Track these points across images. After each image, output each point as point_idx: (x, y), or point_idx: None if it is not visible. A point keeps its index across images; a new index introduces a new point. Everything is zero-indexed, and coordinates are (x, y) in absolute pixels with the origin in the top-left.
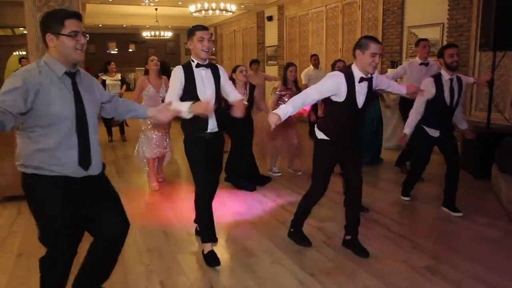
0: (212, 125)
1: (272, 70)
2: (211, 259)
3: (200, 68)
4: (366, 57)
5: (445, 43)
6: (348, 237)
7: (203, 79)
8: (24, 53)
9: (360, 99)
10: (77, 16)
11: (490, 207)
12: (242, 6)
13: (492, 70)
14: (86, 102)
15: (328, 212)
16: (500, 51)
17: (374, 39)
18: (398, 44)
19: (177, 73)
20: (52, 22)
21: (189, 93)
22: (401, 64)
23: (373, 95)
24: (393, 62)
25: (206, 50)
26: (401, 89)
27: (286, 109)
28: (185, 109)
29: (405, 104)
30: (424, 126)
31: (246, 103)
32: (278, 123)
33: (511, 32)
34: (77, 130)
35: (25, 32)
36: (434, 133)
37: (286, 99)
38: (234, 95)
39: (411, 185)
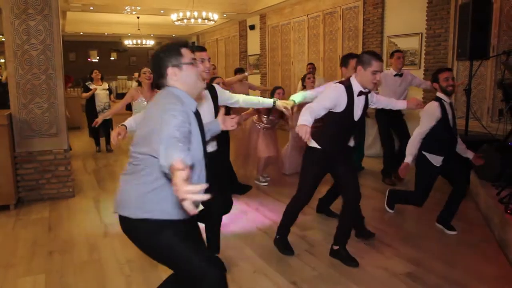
0: (212, 147)
1: (254, 79)
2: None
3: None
4: (367, 74)
5: (423, 52)
6: (336, 247)
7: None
8: (2, 60)
9: (357, 112)
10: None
11: (469, 213)
12: (225, 15)
13: (469, 79)
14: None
15: (310, 221)
16: (477, 61)
17: (376, 56)
18: (379, 53)
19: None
20: (170, 54)
21: None
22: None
23: (367, 108)
24: None
25: (207, 71)
26: (402, 105)
27: (308, 119)
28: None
29: (381, 114)
30: (426, 154)
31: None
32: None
33: (486, 42)
34: None
35: (3, 39)
36: (436, 161)
37: (264, 119)
38: (235, 97)
39: (399, 203)
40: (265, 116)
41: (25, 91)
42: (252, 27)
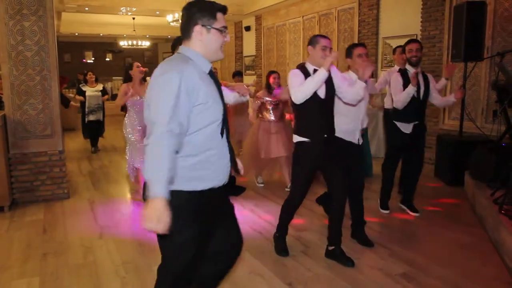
0: None
1: (250, 80)
2: None
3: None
4: (317, 51)
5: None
6: (331, 248)
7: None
8: None
9: (320, 90)
10: (226, 11)
11: (463, 213)
12: None
13: (464, 80)
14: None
15: (306, 222)
16: (471, 62)
17: (323, 35)
18: (374, 55)
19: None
20: (205, 13)
21: None
22: (378, 73)
23: (334, 87)
24: None
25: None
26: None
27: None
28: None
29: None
30: (396, 122)
31: None
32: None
33: (480, 44)
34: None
35: None
36: (406, 128)
37: (268, 107)
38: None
39: (387, 194)
40: (266, 99)
41: (20, 92)
42: (247, 28)
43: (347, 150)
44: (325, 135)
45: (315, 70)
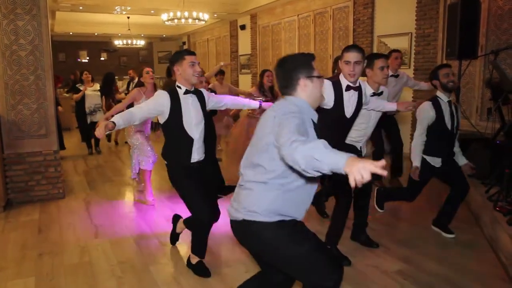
0: (198, 156)
1: (245, 79)
2: (202, 270)
3: (188, 95)
4: (343, 66)
5: (413, 52)
6: (328, 247)
7: (190, 106)
8: None
9: (348, 109)
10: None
11: (459, 211)
12: (215, 15)
13: (458, 78)
14: None
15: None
16: (465, 60)
17: (350, 47)
18: (369, 53)
19: (162, 98)
20: (308, 63)
21: (175, 121)
22: None
23: (361, 107)
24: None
25: (197, 75)
26: (392, 106)
27: None
28: None
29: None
30: (425, 156)
31: None
32: None
33: (475, 42)
34: None
35: None
36: (436, 162)
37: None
38: (223, 101)
39: (388, 200)
40: (257, 99)
41: (14, 91)
42: (242, 27)
43: (351, 152)
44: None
45: (348, 87)
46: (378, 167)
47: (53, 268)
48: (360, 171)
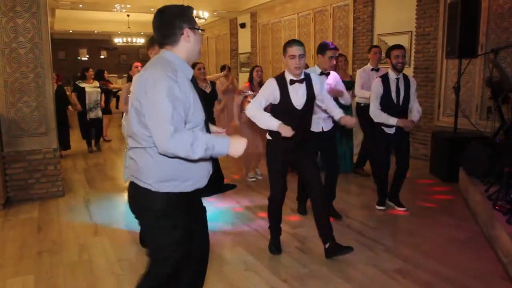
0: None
1: (245, 77)
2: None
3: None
4: (287, 60)
5: (413, 50)
6: (327, 245)
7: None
8: None
9: (297, 101)
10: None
11: (458, 209)
12: (215, 13)
13: (458, 77)
14: None
15: (300, 218)
16: (465, 59)
17: (292, 42)
18: (367, 52)
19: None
20: (191, 15)
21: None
22: None
23: (314, 98)
24: None
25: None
26: (338, 113)
27: (274, 121)
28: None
29: (362, 111)
30: (380, 126)
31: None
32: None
33: (475, 41)
34: None
35: None
36: (389, 129)
37: (250, 99)
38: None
39: (383, 191)
40: (250, 93)
41: (13, 89)
42: (242, 25)
43: (315, 140)
44: (299, 135)
45: (292, 81)
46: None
47: (52, 266)
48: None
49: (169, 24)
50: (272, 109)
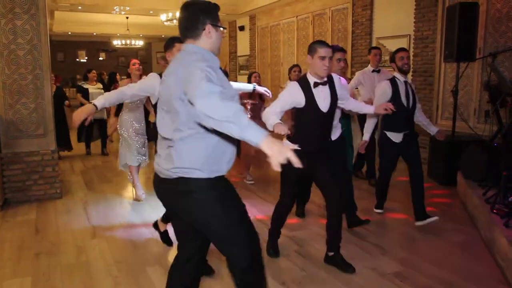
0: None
1: (243, 80)
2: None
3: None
4: (316, 62)
5: (411, 54)
6: (331, 253)
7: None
8: None
9: (323, 104)
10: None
11: (456, 213)
12: None
13: (456, 80)
14: None
15: (299, 222)
16: (463, 62)
17: (322, 42)
18: (367, 55)
19: (153, 80)
20: (216, 13)
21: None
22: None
23: (337, 100)
24: None
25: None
26: (369, 109)
27: (274, 119)
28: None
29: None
30: (386, 132)
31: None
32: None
33: (473, 44)
34: None
35: None
36: (397, 138)
37: (248, 107)
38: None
39: (382, 196)
40: (248, 101)
41: (12, 91)
42: (241, 28)
43: (325, 150)
44: (318, 145)
45: (316, 84)
46: (292, 155)
47: (49, 267)
48: (281, 153)
49: (193, 18)
50: (295, 114)
